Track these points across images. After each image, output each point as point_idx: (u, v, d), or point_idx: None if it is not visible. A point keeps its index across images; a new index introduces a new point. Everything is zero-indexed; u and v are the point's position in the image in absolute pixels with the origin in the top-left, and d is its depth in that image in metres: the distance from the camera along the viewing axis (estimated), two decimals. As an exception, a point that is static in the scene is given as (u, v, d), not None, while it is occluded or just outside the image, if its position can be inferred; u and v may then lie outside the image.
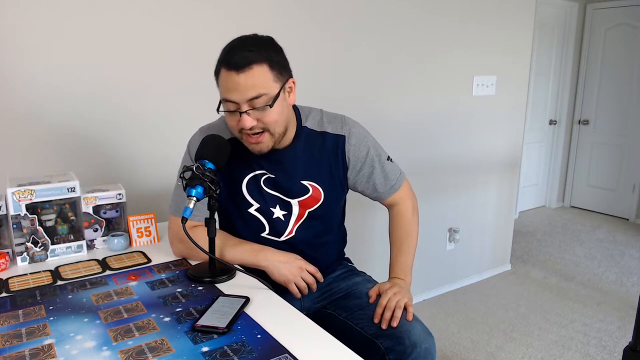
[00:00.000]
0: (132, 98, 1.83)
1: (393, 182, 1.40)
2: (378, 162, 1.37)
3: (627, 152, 4.58)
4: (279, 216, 1.33)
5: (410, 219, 1.44)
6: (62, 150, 1.73)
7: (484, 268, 3.30)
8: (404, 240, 1.42)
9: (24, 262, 1.30)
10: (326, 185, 1.33)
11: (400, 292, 1.26)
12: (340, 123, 1.34)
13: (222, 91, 1.16)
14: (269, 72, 1.14)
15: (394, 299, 1.24)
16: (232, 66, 1.11)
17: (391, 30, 2.47)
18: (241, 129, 1.17)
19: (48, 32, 1.65)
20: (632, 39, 4.43)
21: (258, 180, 1.31)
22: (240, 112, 1.14)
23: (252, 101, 1.13)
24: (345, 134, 1.33)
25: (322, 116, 1.35)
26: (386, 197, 1.42)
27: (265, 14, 2.06)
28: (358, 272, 1.48)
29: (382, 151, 1.40)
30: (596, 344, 2.50)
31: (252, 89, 1.12)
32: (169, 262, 1.31)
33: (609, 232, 4.30)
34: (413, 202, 1.46)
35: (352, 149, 1.33)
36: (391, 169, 1.40)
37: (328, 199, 1.34)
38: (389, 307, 1.23)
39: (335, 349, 0.92)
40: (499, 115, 3.09)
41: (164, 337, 0.93)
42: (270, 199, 1.31)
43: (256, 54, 1.12)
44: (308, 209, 1.33)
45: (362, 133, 1.36)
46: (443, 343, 2.52)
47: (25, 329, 0.96)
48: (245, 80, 1.11)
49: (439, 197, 2.90)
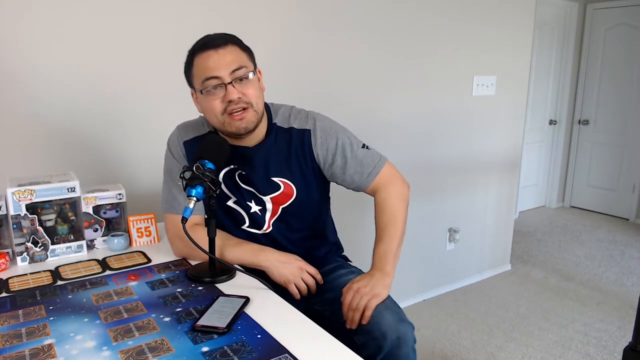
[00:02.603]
0: (133, 98, 1.83)
1: (370, 169, 1.34)
2: (350, 150, 1.33)
3: (627, 152, 4.57)
4: (256, 210, 1.34)
5: (394, 205, 1.32)
6: (62, 150, 1.73)
7: (484, 268, 3.30)
8: (384, 228, 1.29)
9: (24, 262, 1.30)
10: (298, 181, 1.33)
11: (365, 287, 1.17)
12: (305, 118, 1.35)
13: (202, 72, 1.19)
14: (242, 52, 1.23)
15: (356, 297, 1.16)
16: (209, 46, 1.19)
17: (391, 30, 2.47)
18: (224, 109, 1.20)
19: (48, 32, 1.65)
20: (632, 39, 4.43)
21: (233, 175, 1.33)
22: (225, 84, 1.18)
23: (234, 73, 1.19)
24: (310, 128, 1.33)
25: (290, 112, 1.36)
26: (366, 186, 1.36)
27: (264, 14, 2.06)
28: (346, 265, 1.45)
29: (355, 139, 1.36)
30: (596, 344, 2.50)
31: (232, 62, 1.18)
32: (169, 262, 1.31)
33: (609, 232, 4.30)
34: (397, 187, 1.36)
35: (319, 142, 1.32)
36: (366, 156, 1.35)
37: (301, 195, 1.34)
38: (351, 307, 1.16)
39: (335, 349, 0.92)
40: (499, 115, 3.08)
41: (164, 337, 0.93)
42: (245, 193, 1.33)
43: (227, 36, 1.22)
44: (281, 205, 1.34)
45: (328, 125, 1.34)
46: (443, 343, 2.52)
47: (25, 329, 0.96)
48: (225, 54, 1.18)
49: (439, 197, 2.90)
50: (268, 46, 2.07)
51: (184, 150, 1.34)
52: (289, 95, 1.74)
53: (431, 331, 2.63)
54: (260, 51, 1.28)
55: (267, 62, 1.30)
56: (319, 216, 1.44)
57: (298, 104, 1.43)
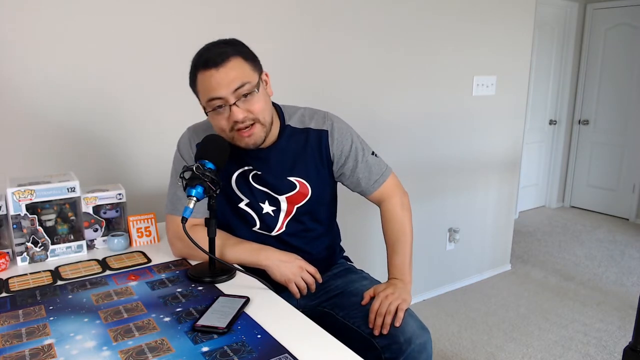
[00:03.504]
0: (133, 98, 1.83)
1: (377, 177, 1.39)
2: (362, 155, 1.37)
3: (627, 152, 4.58)
4: (269, 211, 1.34)
5: (401, 216, 1.40)
6: (62, 150, 1.73)
7: (484, 268, 3.30)
8: (396, 240, 1.38)
9: (24, 262, 1.30)
10: (313, 180, 1.34)
11: (393, 294, 1.24)
12: (323, 118, 1.36)
13: (205, 92, 1.18)
14: (245, 63, 1.18)
15: (385, 303, 1.22)
16: (210, 65, 1.15)
17: (391, 30, 2.47)
18: (232, 127, 1.20)
19: (48, 32, 1.64)
20: (632, 39, 4.43)
21: (246, 176, 1.33)
22: (229, 105, 1.16)
23: (237, 91, 1.16)
24: (328, 129, 1.34)
25: (304, 113, 1.37)
26: (371, 192, 1.41)
27: (264, 14, 2.06)
28: (355, 269, 1.48)
29: (366, 146, 1.41)
30: (596, 344, 2.50)
31: (234, 80, 1.15)
32: (169, 262, 1.31)
33: (609, 232, 4.30)
34: (402, 198, 1.43)
35: (336, 143, 1.34)
36: (375, 163, 1.40)
37: (316, 194, 1.35)
38: (379, 312, 1.21)
39: (335, 349, 0.92)
40: (499, 115, 3.09)
41: (164, 337, 0.93)
42: (259, 194, 1.33)
43: (228, 49, 1.17)
44: (296, 205, 1.34)
45: (345, 127, 1.37)
46: (443, 343, 2.52)
47: (25, 329, 0.96)
48: (226, 73, 1.15)
49: (439, 197, 2.90)
50: (267, 46, 2.07)
51: (196, 152, 1.33)
52: (289, 96, 1.74)
53: (431, 331, 2.62)
54: (260, 51, 1.28)
55: (266, 62, 1.29)
56: (330, 217, 1.47)
57: (297, 104, 1.43)
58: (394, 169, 1.47)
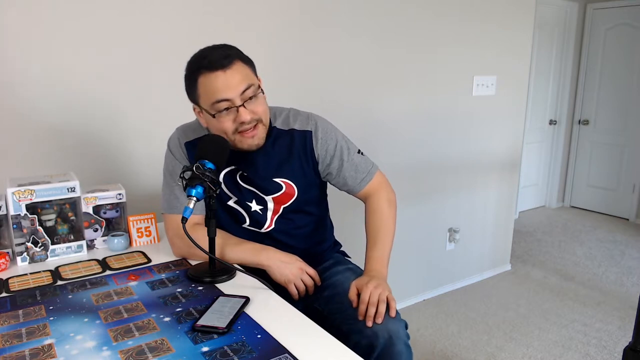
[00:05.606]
0: (133, 98, 1.83)
1: (364, 175, 1.40)
2: (347, 154, 1.37)
3: (627, 152, 4.57)
4: (257, 209, 1.35)
5: (386, 212, 1.38)
6: (62, 150, 1.73)
7: (484, 268, 3.30)
8: (378, 232, 1.35)
9: (24, 262, 1.30)
10: (299, 181, 1.35)
11: (379, 285, 1.19)
12: (307, 119, 1.37)
13: (211, 94, 1.18)
14: (246, 66, 1.22)
15: (375, 293, 1.17)
16: (216, 67, 1.16)
17: (391, 30, 2.47)
18: (235, 129, 1.21)
19: (48, 32, 1.64)
20: (632, 39, 4.43)
21: (234, 175, 1.34)
22: (237, 107, 1.18)
23: (244, 94, 1.18)
24: (312, 129, 1.35)
25: (289, 114, 1.38)
26: (358, 190, 1.41)
27: (262, 14, 2.06)
28: (344, 261, 1.47)
29: (352, 145, 1.41)
30: (596, 344, 2.50)
31: (241, 82, 1.18)
32: (169, 262, 1.31)
33: (609, 232, 4.30)
34: (388, 194, 1.42)
35: (320, 143, 1.35)
36: (361, 162, 1.40)
37: (302, 194, 1.36)
38: (371, 302, 1.16)
39: (335, 349, 0.92)
40: (499, 115, 3.09)
41: (164, 337, 0.93)
42: (246, 193, 1.34)
43: (231, 52, 1.19)
44: (283, 205, 1.35)
45: (329, 127, 1.38)
46: (443, 343, 2.52)
47: (25, 329, 0.96)
48: (233, 75, 1.17)
49: (439, 197, 2.90)
50: (265, 46, 2.07)
51: (186, 151, 1.34)
52: (288, 96, 1.74)
53: (431, 331, 2.63)
54: (259, 50, 1.28)
55: (265, 62, 1.29)
56: (319, 213, 1.47)
57: (296, 104, 1.43)
58: (394, 169, 1.47)
